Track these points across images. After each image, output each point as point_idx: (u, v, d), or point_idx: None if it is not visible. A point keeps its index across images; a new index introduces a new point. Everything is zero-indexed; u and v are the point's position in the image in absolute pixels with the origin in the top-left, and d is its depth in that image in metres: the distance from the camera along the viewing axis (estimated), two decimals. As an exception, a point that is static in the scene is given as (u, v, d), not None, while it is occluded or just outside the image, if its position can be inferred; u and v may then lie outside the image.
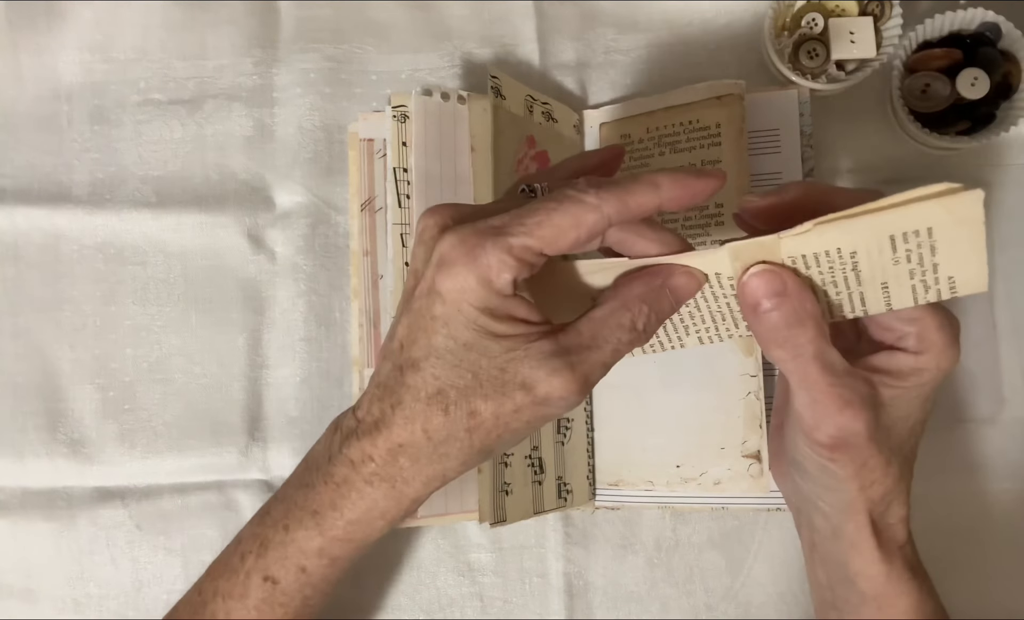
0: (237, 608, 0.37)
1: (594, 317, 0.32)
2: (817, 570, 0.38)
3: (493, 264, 0.30)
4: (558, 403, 0.31)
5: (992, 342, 0.48)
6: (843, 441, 0.32)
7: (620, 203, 0.30)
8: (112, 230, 0.51)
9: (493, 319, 0.30)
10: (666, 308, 0.32)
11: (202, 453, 0.50)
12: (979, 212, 0.27)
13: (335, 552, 0.35)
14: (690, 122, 0.47)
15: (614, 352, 0.32)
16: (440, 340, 0.31)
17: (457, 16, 0.53)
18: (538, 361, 0.30)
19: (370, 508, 0.34)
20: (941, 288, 0.30)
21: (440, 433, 0.32)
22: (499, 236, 0.30)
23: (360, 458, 0.33)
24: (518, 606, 0.49)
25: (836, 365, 0.32)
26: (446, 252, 0.30)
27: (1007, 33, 0.47)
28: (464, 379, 0.31)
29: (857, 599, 0.36)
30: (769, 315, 0.31)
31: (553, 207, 0.30)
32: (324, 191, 0.51)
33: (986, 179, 0.50)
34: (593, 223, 0.30)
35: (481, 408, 0.31)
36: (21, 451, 0.49)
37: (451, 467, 0.33)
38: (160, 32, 0.53)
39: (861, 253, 0.29)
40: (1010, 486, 0.48)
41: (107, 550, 0.49)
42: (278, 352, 0.50)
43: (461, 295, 0.30)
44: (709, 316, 0.34)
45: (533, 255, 0.30)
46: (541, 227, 0.30)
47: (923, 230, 0.28)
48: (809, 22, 0.49)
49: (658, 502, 0.47)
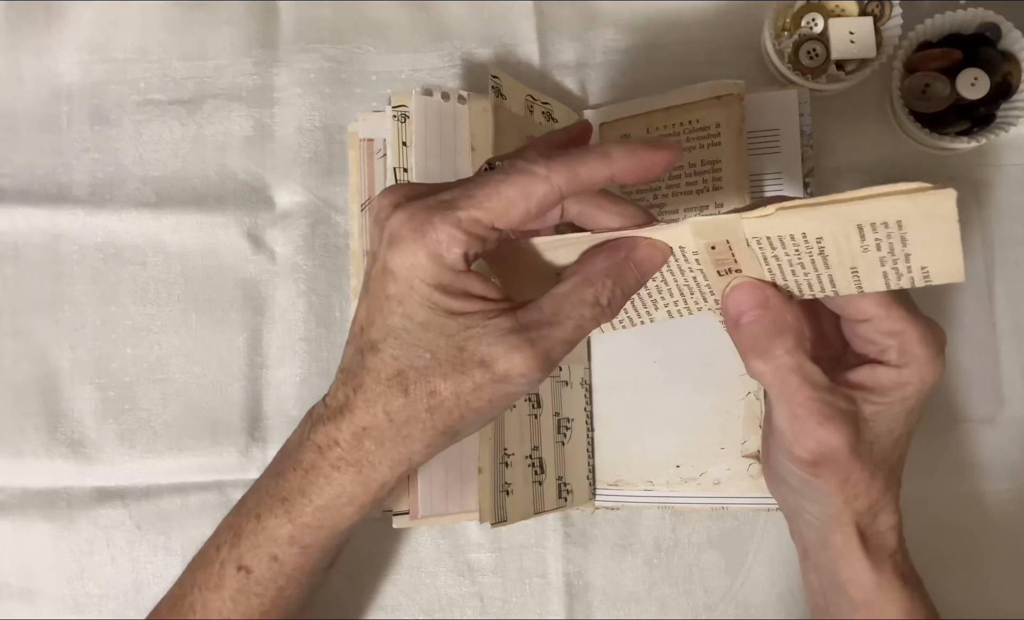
0: (213, 599, 0.37)
1: (556, 293, 0.31)
2: (810, 576, 0.38)
3: (442, 239, 0.29)
4: (518, 380, 0.31)
5: (992, 342, 0.48)
6: (823, 456, 0.32)
7: (570, 173, 0.30)
8: (112, 230, 0.51)
9: (447, 296, 0.30)
10: (631, 282, 0.32)
11: (202, 453, 0.50)
12: (951, 209, 0.27)
13: (306, 539, 0.35)
14: (690, 122, 0.47)
15: (576, 328, 0.31)
16: (397, 320, 0.31)
17: (457, 16, 0.53)
18: (496, 338, 0.30)
19: (338, 494, 0.34)
20: (915, 276, 0.30)
21: (401, 414, 0.31)
22: (447, 210, 0.29)
23: (326, 443, 0.33)
24: (518, 606, 0.49)
25: (816, 380, 0.31)
26: (395, 229, 0.30)
27: (1007, 33, 0.47)
28: (423, 359, 0.31)
29: (848, 606, 0.36)
30: (750, 327, 0.31)
31: (501, 179, 0.30)
32: (324, 191, 0.51)
33: (986, 179, 0.50)
34: (543, 194, 0.30)
35: (441, 387, 0.31)
36: (21, 451, 0.49)
37: (416, 450, 0.33)
38: (160, 32, 0.53)
39: (827, 239, 0.29)
40: (1009, 486, 0.48)
41: (107, 550, 0.49)
42: (278, 352, 0.50)
43: (412, 271, 0.30)
44: (677, 289, 0.34)
45: (483, 228, 0.30)
46: (489, 199, 0.30)
47: (892, 222, 0.28)
48: (809, 22, 0.49)
49: (658, 502, 0.47)
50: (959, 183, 0.49)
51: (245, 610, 0.36)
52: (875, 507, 0.34)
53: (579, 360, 0.48)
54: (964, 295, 0.48)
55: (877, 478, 0.33)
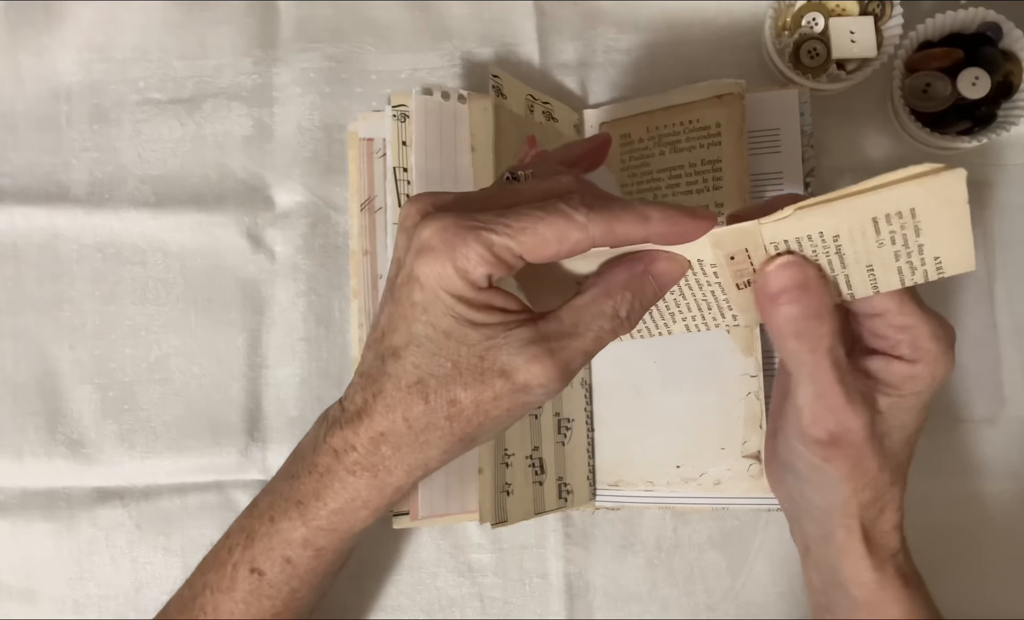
0: (224, 601, 0.37)
1: (576, 305, 0.32)
2: (811, 574, 0.38)
3: (472, 257, 0.30)
4: (537, 390, 0.31)
5: (992, 342, 0.48)
6: (839, 438, 0.32)
7: (607, 228, 0.30)
8: (111, 230, 0.51)
9: (471, 308, 0.31)
10: (649, 294, 0.32)
11: (201, 453, 0.49)
12: (962, 191, 0.27)
13: (319, 543, 0.35)
14: (690, 121, 0.47)
15: (596, 339, 0.32)
16: (420, 327, 0.31)
17: (457, 16, 0.52)
18: (517, 348, 0.30)
19: (353, 498, 0.34)
20: (928, 269, 0.30)
21: (421, 421, 0.32)
22: (481, 231, 0.30)
23: (343, 447, 0.33)
24: (518, 606, 0.49)
25: (843, 363, 0.32)
26: (426, 239, 0.30)
27: (1008, 33, 0.47)
28: (444, 368, 0.31)
29: (850, 605, 0.36)
30: (790, 307, 0.31)
31: (540, 216, 0.30)
32: (324, 191, 0.51)
33: (986, 179, 0.50)
34: (576, 241, 0.30)
35: (461, 396, 0.31)
36: (21, 451, 0.49)
37: (433, 456, 0.33)
38: (159, 32, 0.52)
39: (844, 237, 0.29)
40: (1010, 486, 0.48)
41: (107, 550, 0.49)
42: (278, 352, 0.50)
43: (439, 281, 0.30)
44: (695, 304, 0.34)
45: (512, 257, 0.30)
46: (524, 233, 0.30)
47: (906, 211, 0.28)
48: (810, 22, 0.49)
49: (658, 502, 0.47)
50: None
51: (257, 612, 0.36)
52: (880, 501, 0.34)
53: (579, 360, 0.48)
54: (965, 295, 0.48)
55: (885, 470, 0.33)
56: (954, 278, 0.48)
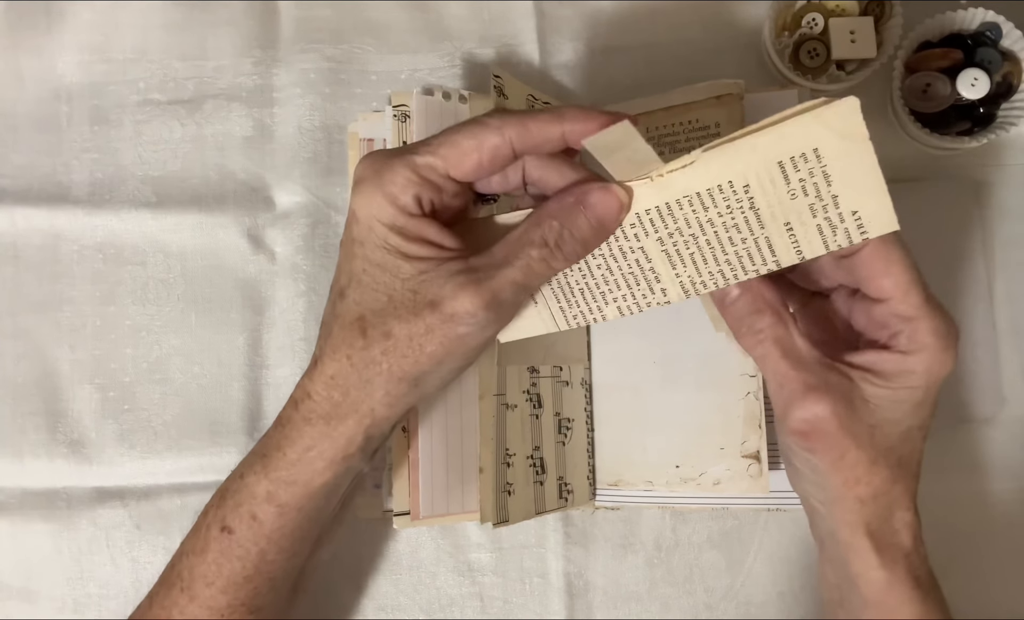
0: (198, 564, 0.37)
1: (508, 238, 0.33)
2: (826, 568, 0.38)
3: (398, 181, 0.32)
4: (466, 319, 0.32)
5: (992, 342, 0.48)
6: (812, 426, 0.32)
7: (521, 127, 0.32)
8: (111, 230, 0.51)
9: (404, 239, 0.32)
10: (582, 225, 0.32)
11: (201, 453, 0.50)
12: (859, 123, 0.27)
13: (281, 497, 0.36)
14: (690, 122, 0.47)
15: (525, 269, 0.32)
16: (358, 263, 0.33)
17: (457, 16, 0.53)
18: (445, 279, 0.32)
19: (308, 447, 0.35)
20: (848, 227, 0.29)
21: (361, 358, 0.33)
22: (405, 154, 0.32)
23: (301, 396, 0.35)
24: (518, 606, 0.49)
25: (802, 353, 0.32)
26: (359, 174, 0.33)
27: (1007, 33, 0.47)
28: (380, 302, 0.32)
29: (860, 602, 0.35)
30: (735, 305, 0.33)
31: (457, 129, 0.32)
32: (324, 191, 0.51)
33: (987, 179, 0.50)
34: (494, 145, 0.32)
35: (396, 329, 0.32)
36: (21, 451, 0.49)
37: (378, 399, 0.34)
38: (159, 32, 0.53)
39: (754, 185, 0.29)
40: (1010, 485, 0.48)
41: (107, 550, 0.49)
42: (278, 352, 0.50)
43: (370, 211, 0.32)
44: (623, 279, 0.34)
45: (438, 175, 0.32)
46: (443, 146, 0.32)
47: (809, 152, 0.28)
48: (809, 22, 0.49)
49: (658, 502, 0.47)
50: (960, 183, 0.49)
51: (229, 573, 0.37)
52: (882, 498, 0.33)
53: (579, 360, 0.48)
54: (965, 295, 0.48)
55: (880, 466, 0.33)
56: (954, 278, 0.48)
